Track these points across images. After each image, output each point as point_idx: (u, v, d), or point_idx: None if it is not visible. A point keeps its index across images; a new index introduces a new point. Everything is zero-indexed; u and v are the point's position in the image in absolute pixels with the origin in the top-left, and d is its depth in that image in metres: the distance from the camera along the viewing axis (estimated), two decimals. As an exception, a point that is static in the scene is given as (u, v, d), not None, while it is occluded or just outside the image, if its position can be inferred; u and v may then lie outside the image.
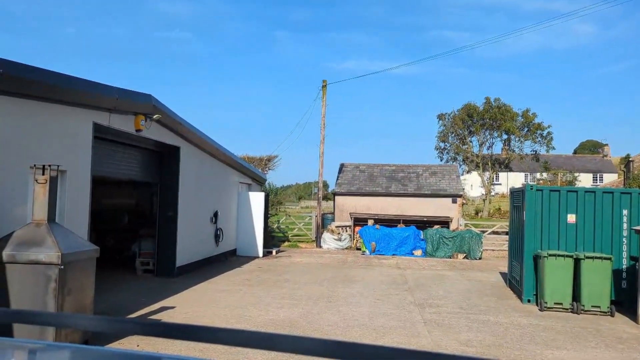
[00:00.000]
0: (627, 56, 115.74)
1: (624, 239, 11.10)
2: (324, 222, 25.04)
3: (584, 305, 10.27)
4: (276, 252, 20.29)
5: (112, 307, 9.59)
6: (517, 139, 46.35)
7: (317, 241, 23.49)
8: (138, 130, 10.84)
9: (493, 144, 47.41)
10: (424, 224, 22.55)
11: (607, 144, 71.89)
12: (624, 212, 11.14)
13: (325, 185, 37.32)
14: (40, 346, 1.96)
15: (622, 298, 10.77)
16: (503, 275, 14.92)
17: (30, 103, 7.59)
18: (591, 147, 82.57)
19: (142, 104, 10.74)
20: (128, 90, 10.10)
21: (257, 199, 19.54)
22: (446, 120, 47.85)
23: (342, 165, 27.83)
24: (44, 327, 5.98)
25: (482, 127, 45.79)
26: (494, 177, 52.61)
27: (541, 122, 45.61)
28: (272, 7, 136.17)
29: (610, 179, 61.66)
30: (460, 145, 47.62)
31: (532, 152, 47.61)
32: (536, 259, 11.13)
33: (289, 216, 29.21)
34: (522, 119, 45.41)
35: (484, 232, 23.08)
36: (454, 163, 45.22)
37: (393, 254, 20.45)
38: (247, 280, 13.36)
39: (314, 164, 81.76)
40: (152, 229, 14.25)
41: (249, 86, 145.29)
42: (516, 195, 12.94)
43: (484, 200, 47.45)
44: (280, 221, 27.71)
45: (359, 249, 21.60)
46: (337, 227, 23.86)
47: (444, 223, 22.91)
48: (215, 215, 16.58)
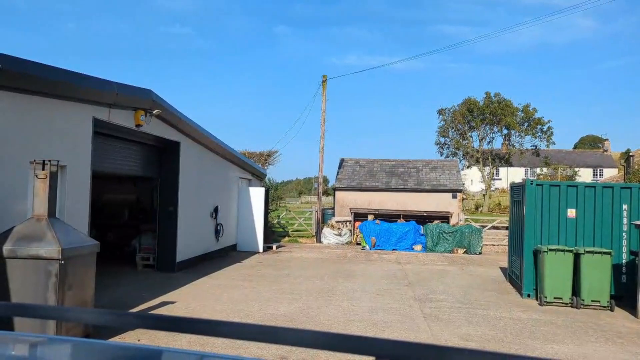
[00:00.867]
0: (628, 51, 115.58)
1: (623, 234, 11.11)
2: (324, 217, 25.05)
3: (583, 300, 10.29)
4: (276, 247, 20.31)
5: (112, 302, 9.61)
6: (517, 133, 46.40)
7: (317, 236, 23.52)
8: (138, 126, 10.84)
9: (493, 139, 47.51)
10: (424, 219, 22.57)
11: (607, 139, 71.85)
12: (624, 206, 11.15)
13: (326, 181, 37.36)
14: (41, 340, 1.96)
15: (621, 292, 10.78)
16: (503, 270, 14.95)
17: (30, 98, 7.59)
18: (591, 142, 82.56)
19: (141, 99, 10.73)
20: (128, 85, 10.09)
21: (257, 194, 19.55)
22: (446, 115, 47.86)
23: (342, 161, 27.82)
24: (45, 321, 6.00)
25: (482, 122, 45.80)
26: (494, 172, 52.63)
27: (541, 117, 45.68)
28: (272, 2, 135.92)
29: (610, 174, 61.65)
30: (461, 140, 47.64)
31: (532, 147, 47.64)
32: (536, 253, 11.15)
33: (289, 211, 29.24)
34: (523, 114, 45.43)
35: (484, 227, 23.10)
36: (454, 158, 45.27)
37: (393, 249, 20.47)
38: (248, 275, 13.38)
39: (314, 159, 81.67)
40: (152, 224, 14.27)
41: (249, 81, 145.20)
42: (516, 190, 12.95)
43: (484, 195, 47.49)
44: (281, 216, 27.74)
45: (359, 244, 21.63)
46: (337, 222, 23.88)
47: (444, 218, 22.92)
48: (216, 210, 16.59)
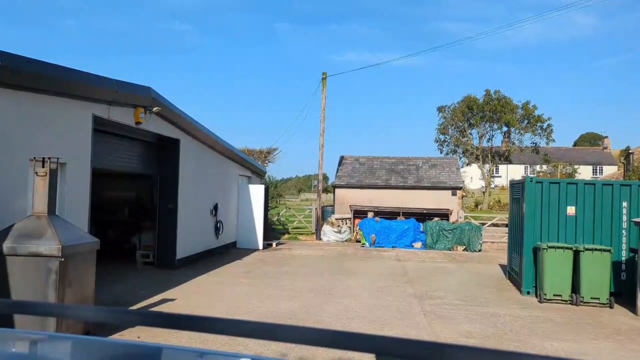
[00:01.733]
0: (628, 48, 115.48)
1: (623, 231, 11.11)
2: (324, 215, 25.06)
3: (583, 297, 10.29)
4: (276, 245, 20.32)
5: (112, 300, 9.62)
6: (517, 131, 46.36)
7: (317, 234, 23.53)
8: (138, 123, 10.83)
9: (493, 136, 47.45)
10: (423, 216, 22.58)
11: (607, 136, 71.83)
12: (624, 204, 11.15)
13: (325, 178, 37.34)
14: (41, 337, 1.96)
15: (621, 290, 10.79)
16: (503, 267, 14.95)
17: (29, 95, 7.58)
18: (591, 140, 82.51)
19: (141, 97, 10.73)
20: (127, 82, 10.09)
21: (257, 192, 19.55)
22: (446, 112, 47.82)
23: (341, 158, 27.82)
24: (45, 320, 6.00)
25: (482, 120, 45.76)
26: (494, 170, 52.65)
27: (541, 114, 45.63)
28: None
29: (610, 171, 61.65)
30: (460, 138, 47.61)
31: (532, 145, 47.61)
32: (536, 251, 11.15)
33: (289, 209, 29.25)
34: (522, 111, 45.38)
35: (483, 224, 23.11)
36: (453, 155, 45.24)
37: (393, 246, 20.49)
38: (247, 272, 13.39)
39: (313, 156, 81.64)
40: (152, 221, 14.27)
41: (249, 78, 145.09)
42: (516, 187, 12.95)
43: (483, 192, 47.50)
44: (280, 214, 27.75)
45: (359, 242, 21.64)
46: (337, 219, 23.89)
47: (444, 215, 22.93)
48: (215, 207, 16.59)
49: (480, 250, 20.05)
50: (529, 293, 11.20)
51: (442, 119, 48.25)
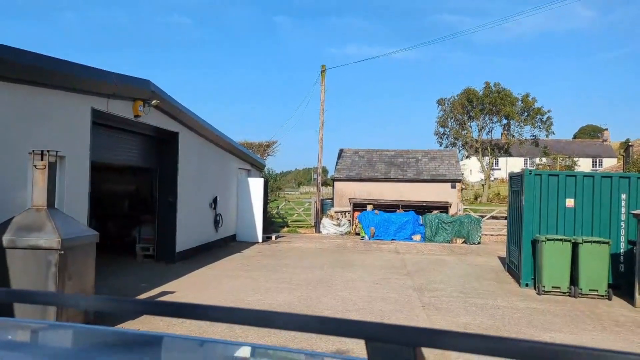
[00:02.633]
0: (628, 41, 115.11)
1: (622, 223, 11.14)
2: (323, 208, 25.08)
3: (581, 289, 10.33)
4: (276, 238, 20.36)
5: (112, 292, 9.65)
6: (516, 123, 46.29)
7: (317, 227, 23.56)
8: (136, 116, 10.83)
9: (492, 129, 47.37)
10: (423, 209, 22.60)
11: (606, 129, 71.68)
12: (623, 196, 11.17)
13: (325, 171, 37.35)
14: (42, 326, 1.98)
15: (619, 282, 10.83)
16: (501, 259, 15.00)
17: (28, 89, 7.58)
18: (591, 132, 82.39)
19: (140, 90, 10.72)
20: (126, 75, 10.07)
21: (256, 185, 19.56)
22: (446, 105, 47.74)
23: (341, 151, 27.80)
24: (45, 311, 6.04)
25: (481, 112, 45.69)
26: (494, 162, 52.62)
27: (541, 106, 45.55)
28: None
29: (609, 163, 61.61)
30: (460, 130, 47.56)
31: (531, 137, 47.55)
32: (534, 243, 11.18)
33: (289, 202, 29.27)
34: (522, 104, 45.30)
35: (482, 217, 23.15)
36: (453, 148, 45.21)
37: (392, 239, 20.52)
38: (247, 265, 13.43)
39: (313, 149, 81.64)
40: (152, 214, 14.29)
41: (249, 72, 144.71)
42: (515, 180, 12.96)
43: (483, 185, 47.49)
44: (280, 207, 27.77)
45: (358, 234, 21.67)
46: (336, 212, 23.91)
47: (443, 208, 22.95)
48: (215, 200, 16.61)
49: (479, 243, 20.10)
50: (527, 285, 11.24)
51: (441, 111, 48.19)
